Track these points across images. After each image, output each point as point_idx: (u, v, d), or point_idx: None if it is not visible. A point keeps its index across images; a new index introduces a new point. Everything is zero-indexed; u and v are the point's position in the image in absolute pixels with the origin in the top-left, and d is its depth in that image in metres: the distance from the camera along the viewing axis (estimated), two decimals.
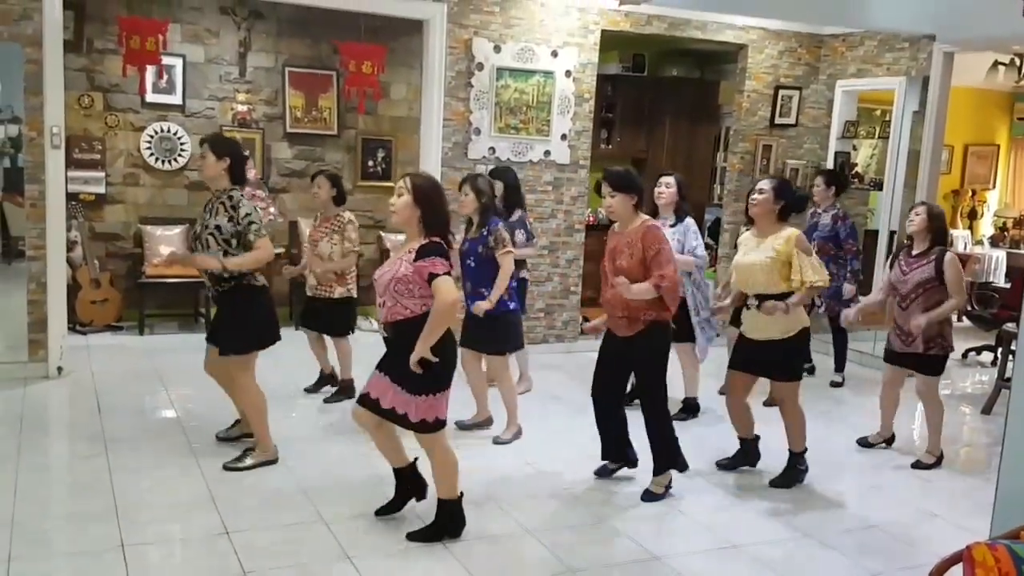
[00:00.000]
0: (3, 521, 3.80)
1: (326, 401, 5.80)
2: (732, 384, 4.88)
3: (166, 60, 7.17)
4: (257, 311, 4.50)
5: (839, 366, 7.04)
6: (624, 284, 4.19)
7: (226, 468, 4.50)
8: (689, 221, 5.63)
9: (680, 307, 5.42)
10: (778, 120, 8.32)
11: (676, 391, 5.53)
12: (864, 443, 5.48)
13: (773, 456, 4.90)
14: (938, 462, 5.21)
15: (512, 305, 5.19)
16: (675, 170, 9.26)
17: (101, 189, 7.74)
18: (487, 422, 5.39)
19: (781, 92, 8.26)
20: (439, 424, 3.74)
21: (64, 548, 3.68)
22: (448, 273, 3.63)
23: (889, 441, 5.49)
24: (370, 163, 8.63)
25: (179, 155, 7.98)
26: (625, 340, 4.40)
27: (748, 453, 4.97)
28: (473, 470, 4.31)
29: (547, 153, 7.38)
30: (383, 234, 8.62)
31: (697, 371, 5.88)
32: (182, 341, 7.14)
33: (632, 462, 4.69)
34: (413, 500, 4.07)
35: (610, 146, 9.86)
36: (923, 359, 5.09)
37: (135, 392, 5.84)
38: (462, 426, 5.30)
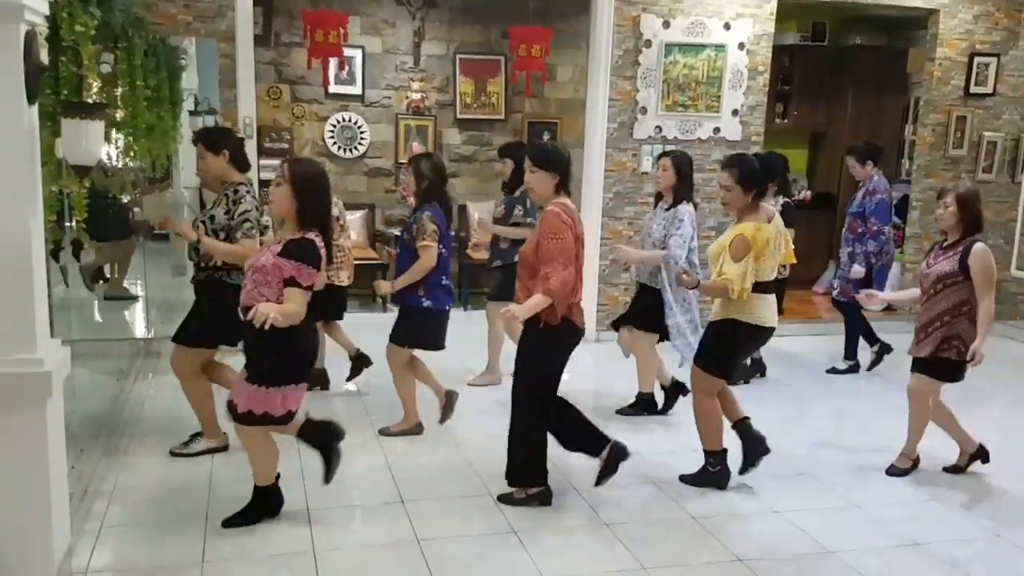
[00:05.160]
0: (202, 486, 4.16)
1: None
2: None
3: (347, 52, 7.54)
4: (219, 309, 4.18)
5: (847, 353, 6.55)
6: (510, 312, 3.74)
7: (172, 454, 4.45)
8: (682, 207, 5.06)
9: (655, 298, 5.10)
10: (973, 89, 7.70)
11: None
12: (955, 470, 4.64)
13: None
14: (914, 466, 4.58)
15: (426, 303, 4.73)
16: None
17: None
18: (414, 429, 4.92)
19: (977, 59, 7.64)
20: (265, 419, 3.55)
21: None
22: (311, 288, 3.46)
23: (977, 454, 4.65)
24: None
25: (359, 143, 8.36)
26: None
27: (751, 440, 4.36)
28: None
29: (716, 130, 7.17)
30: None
31: (652, 365, 5.32)
32: (362, 320, 7.48)
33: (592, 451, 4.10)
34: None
35: (786, 120, 9.49)
36: (930, 361, 4.40)
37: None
38: (386, 433, 4.91)
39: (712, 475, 4.31)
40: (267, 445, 3.74)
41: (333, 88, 8.19)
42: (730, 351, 4.27)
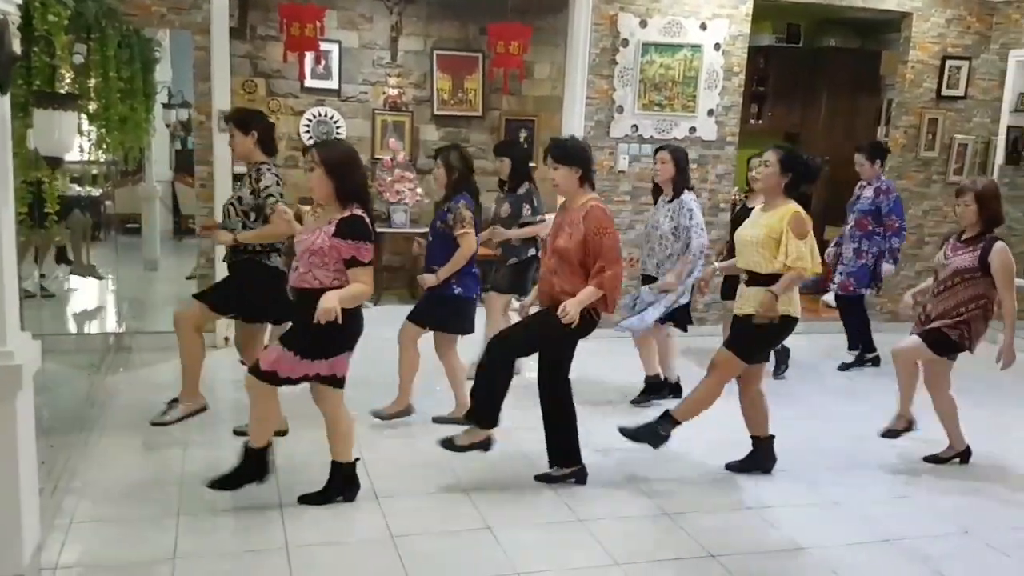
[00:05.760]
0: (173, 481, 4.13)
1: None
2: None
3: (323, 46, 7.47)
4: (263, 288, 4.46)
5: (852, 344, 6.69)
6: (566, 313, 3.86)
7: (153, 424, 4.56)
8: (686, 197, 5.22)
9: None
10: (945, 92, 7.81)
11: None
12: (935, 460, 4.75)
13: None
14: (908, 428, 4.74)
15: (457, 290, 4.80)
16: (832, 146, 8.93)
17: None
18: (406, 411, 4.96)
19: (949, 63, 7.74)
20: (285, 381, 3.70)
21: (226, 505, 3.90)
22: (371, 263, 3.62)
23: (961, 453, 4.76)
24: None
25: (335, 138, 8.30)
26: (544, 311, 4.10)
27: (761, 455, 4.49)
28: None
29: (692, 130, 7.21)
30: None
31: (653, 349, 5.53)
32: None
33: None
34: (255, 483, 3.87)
35: (760, 121, 9.55)
36: (931, 332, 4.53)
37: None
38: (378, 415, 4.91)
39: (650, 429, 4.37)
40: (273, 408, 3.86)
41: (309, 82, 8.12)
42: (769, 343, 4.44)
